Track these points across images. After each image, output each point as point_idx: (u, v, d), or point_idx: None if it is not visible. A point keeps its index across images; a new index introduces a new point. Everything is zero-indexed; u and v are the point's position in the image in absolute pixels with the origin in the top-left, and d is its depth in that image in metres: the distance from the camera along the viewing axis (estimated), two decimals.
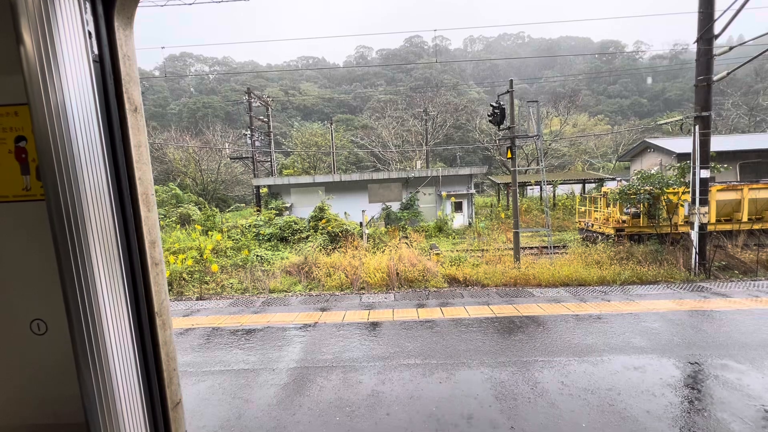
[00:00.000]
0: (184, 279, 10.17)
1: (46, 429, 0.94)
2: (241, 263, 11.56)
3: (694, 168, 9.59)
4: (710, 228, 10.41)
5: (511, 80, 12.05)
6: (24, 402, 0.96)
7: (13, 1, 0.71)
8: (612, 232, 12.95)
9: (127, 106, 0.94)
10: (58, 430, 0.92)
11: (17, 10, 0.71)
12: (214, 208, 21.37)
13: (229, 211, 28.05)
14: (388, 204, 21.40)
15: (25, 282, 0.93)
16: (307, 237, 14.92)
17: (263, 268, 10.99)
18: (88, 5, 0.82)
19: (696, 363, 4.88)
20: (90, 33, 0.83)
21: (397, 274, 9.67)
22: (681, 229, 11.57)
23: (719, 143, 16.20)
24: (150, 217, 1.01)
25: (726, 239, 11.24)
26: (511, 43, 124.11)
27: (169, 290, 9.42)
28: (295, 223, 15.87)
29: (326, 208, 16.21)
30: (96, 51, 0.85)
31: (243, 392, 4.54)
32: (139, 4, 0.98)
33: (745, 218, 12.15)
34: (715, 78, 9.34)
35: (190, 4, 10.33)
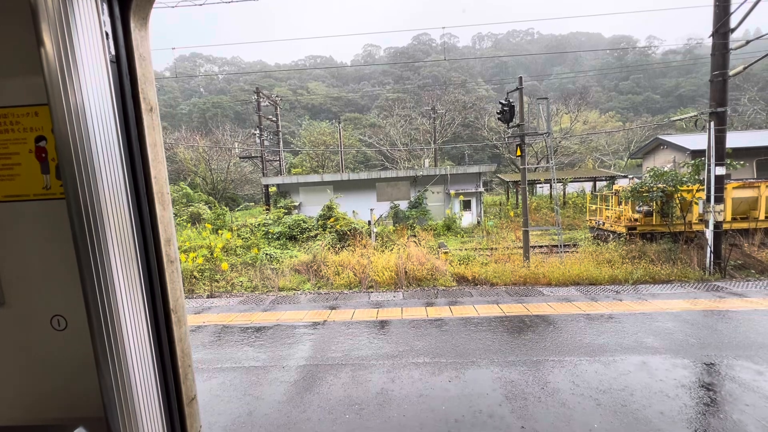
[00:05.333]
0: (194, 277, 10.31)
1: (65, 423, 0.96)
2: (250, 261, 11.67)
3: (709, 165, 9.39)
4: (726, 226, 10.18)
5: (521, 77, 11.90)
6: (44, 396, 0.98)
7: (33, 4, 0.73)
8: (624, 230, 12.75)
9: (143, 105, 0.95)
10: (77, 424, 0.94)
11: (37, 13, 0.73)
12: (224, 207, 21.60)
13: (238, 210, 28.30)
14: (396, 202, 21.36)
15: (46, 278, 0.94)
16: (316, 235, 14.99)
17: (272, 267, 11.08)
18: (105, 7, 0.83)
19: (711, 363, 4.78)
20: (107, 34, 0.84)
21: (406, 272, 9.66)
22: (695, 228, 11.34)
23: (735, 139, 15.80)
24: (165, 215, 1.02)
25: (742, 238, 10.98)
26: (520, 39, 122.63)
27: None
28: (304, 222, 15.95)
29: (335, 206, 16.24)
30: (113, 52, 0.86)
31: (253, 389, 4.59)
32: (153, 6, 0.99)
33: (762, 216, 11.85)
34: (731, 73, 9.12)
35: (201, 4, 10.43)
